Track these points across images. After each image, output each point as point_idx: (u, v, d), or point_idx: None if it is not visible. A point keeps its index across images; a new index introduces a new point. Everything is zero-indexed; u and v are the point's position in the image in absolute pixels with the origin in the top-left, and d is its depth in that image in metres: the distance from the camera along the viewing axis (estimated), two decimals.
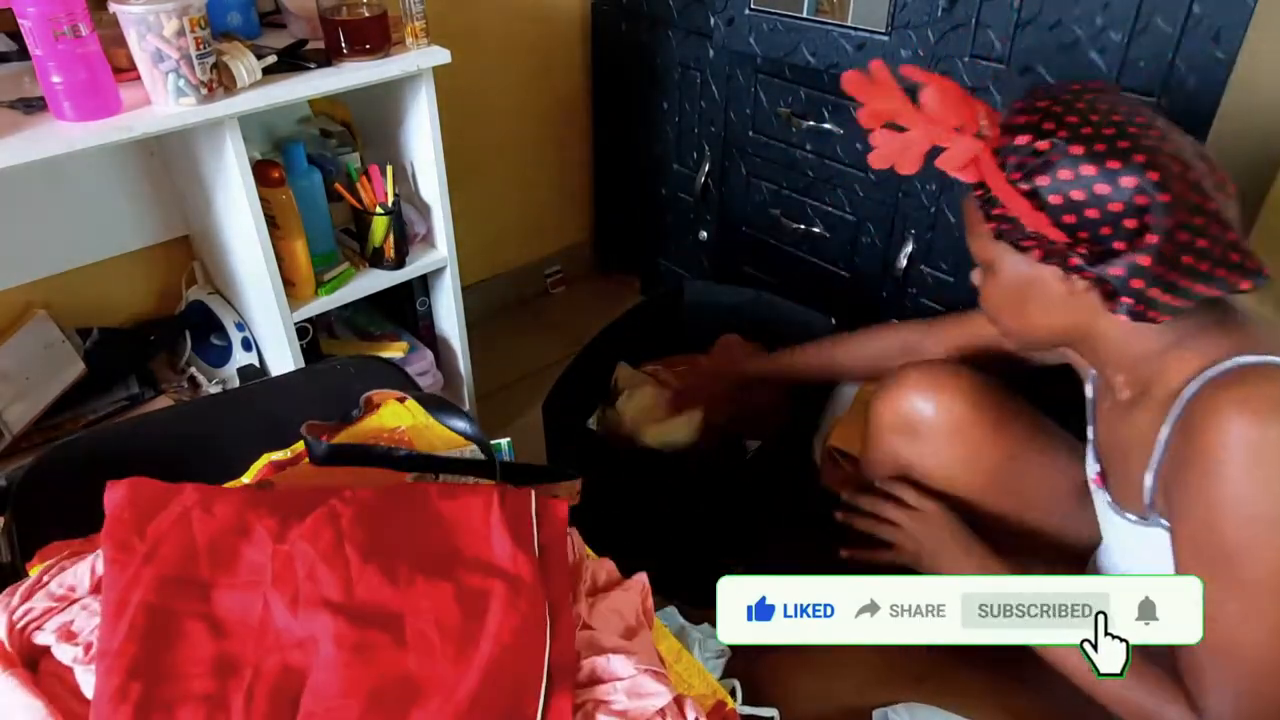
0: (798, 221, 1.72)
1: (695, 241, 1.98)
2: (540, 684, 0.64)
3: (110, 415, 1.45)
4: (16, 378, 1.39)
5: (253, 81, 1.15)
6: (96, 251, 1.48)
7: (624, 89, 2.01)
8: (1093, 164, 0.68)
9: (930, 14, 1.34)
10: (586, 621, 0.72)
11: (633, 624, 0.74)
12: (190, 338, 1.57)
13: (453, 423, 0.98)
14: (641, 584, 0.78)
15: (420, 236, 1.51)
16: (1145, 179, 0.67)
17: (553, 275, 2.29)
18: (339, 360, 1.25)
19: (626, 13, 1.91)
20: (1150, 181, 0.67)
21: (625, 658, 0.69)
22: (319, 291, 1.40)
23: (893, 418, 1.03)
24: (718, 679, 0.75)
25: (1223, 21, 1.07)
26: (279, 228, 1.31)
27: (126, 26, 1.03)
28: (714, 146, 1.83)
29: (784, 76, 1.63)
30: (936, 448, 0.99)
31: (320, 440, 0.88)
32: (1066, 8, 1.20)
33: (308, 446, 0.88)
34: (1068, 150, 0.69)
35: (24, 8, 0.96)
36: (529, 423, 1.71)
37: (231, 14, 1.31)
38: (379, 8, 1.26)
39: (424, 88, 1.33)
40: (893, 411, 1.03)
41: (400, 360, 1.61)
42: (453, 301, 1.57)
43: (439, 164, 1.41)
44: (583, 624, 0.72)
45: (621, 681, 0.67)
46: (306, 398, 1.05)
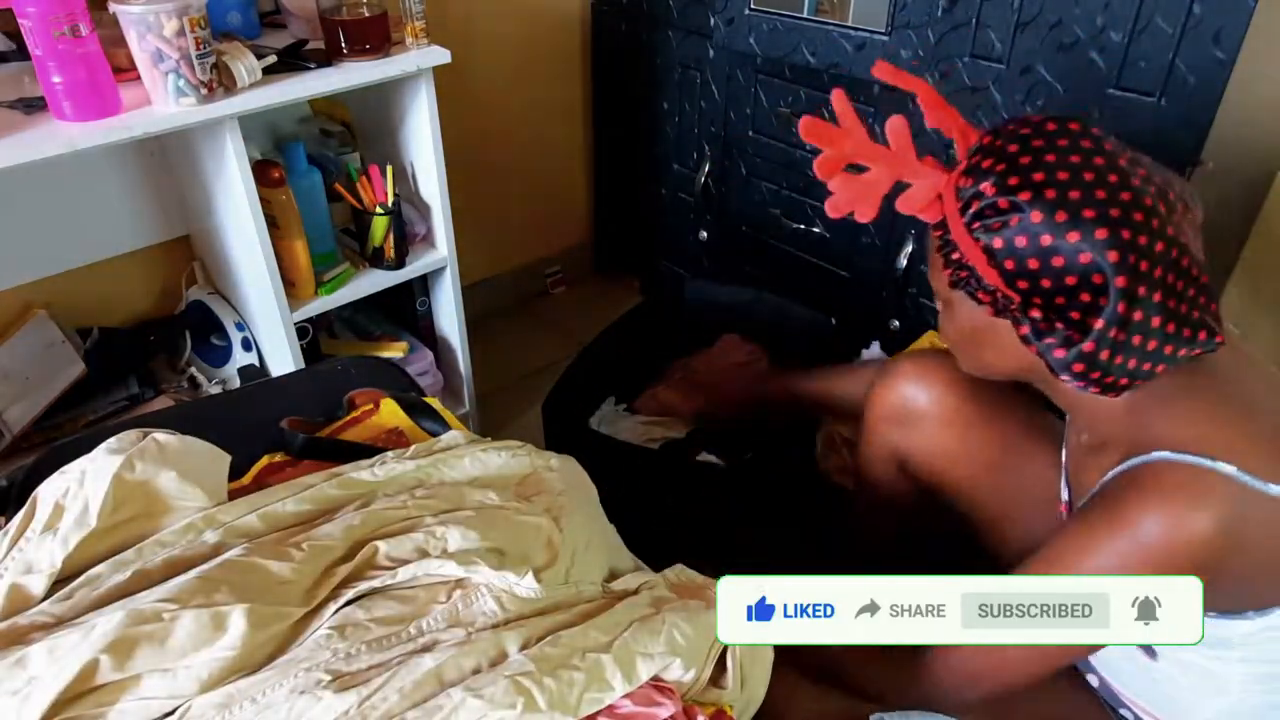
0: (798, 221, 1.72)
1: (695, 241, 1.98)
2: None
3: (110, 415, 1.45)
4: (16, 378, 1.39)
5: (253, 81, 1.15)
6: (96, 251, 1.48)
7: (624, 89, 2.01)
8: (1051, 234, 0.65)
9: (930, 14, 1.34)
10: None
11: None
12: (190, 338, 1.57)
13: (426, 424, 0.99)
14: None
15: (420, 236, 1.51)
16: (1103, 259, 0.64)
17: (553, 275, 2.29)
18: (339, 360, 1.25)
19: (626, 13, 1.91)
20: (1109, 263, 0.64)
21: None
22: (319, 291, 1.40)
23: (886, 408, 1.03)
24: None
25: (1223, 21, 1.07)
26: (279, 228, 1.31)
27: (126, 26, 1.03)
28: (714, 146, 1.83)
29: (784, 76, 1.63)
30: (929, 436, 1.00)
31: (297, 434, 0.89)
32: (1066, 8, 1.20)
33: (286, 440, 0.89)
34: (1029, 216, 0.66)
35: (24, 8, 0.96)
36: (529, 423, 1.71)
37: (231, 14, 1.31)
38: (379, 8, 1.26)
39: (424, 88, 1.33)
40: (886, 401, 1.03)
41: (400, 360, 1.61)
42: (453, 301, 1.57)
43: (439, 164, 1.41)
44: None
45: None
46: (306, 398, 1.05)
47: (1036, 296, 0.68)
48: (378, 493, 0.81)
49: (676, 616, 0.71)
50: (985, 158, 0.70)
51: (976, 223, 0.70)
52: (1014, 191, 0.67)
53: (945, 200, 0.72)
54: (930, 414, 0.99)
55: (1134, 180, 0.66)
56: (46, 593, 0.71)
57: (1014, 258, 0.68)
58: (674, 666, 0.68)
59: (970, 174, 0.71)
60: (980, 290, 0.72)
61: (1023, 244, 0.67)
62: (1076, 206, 0.65)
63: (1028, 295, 0.69)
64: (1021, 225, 0.67)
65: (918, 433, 1.00)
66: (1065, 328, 0.67)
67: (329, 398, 1.03)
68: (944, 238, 0.74)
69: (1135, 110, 1.18)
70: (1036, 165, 0.67)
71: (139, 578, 0.71)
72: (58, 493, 0.75)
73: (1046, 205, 0.66)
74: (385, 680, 0.64)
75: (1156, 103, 1.16)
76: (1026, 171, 0.67)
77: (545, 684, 0.62)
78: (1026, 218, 0.66)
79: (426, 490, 0.82)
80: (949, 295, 0.77)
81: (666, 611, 0.73)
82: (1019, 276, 0.68)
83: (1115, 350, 0.66)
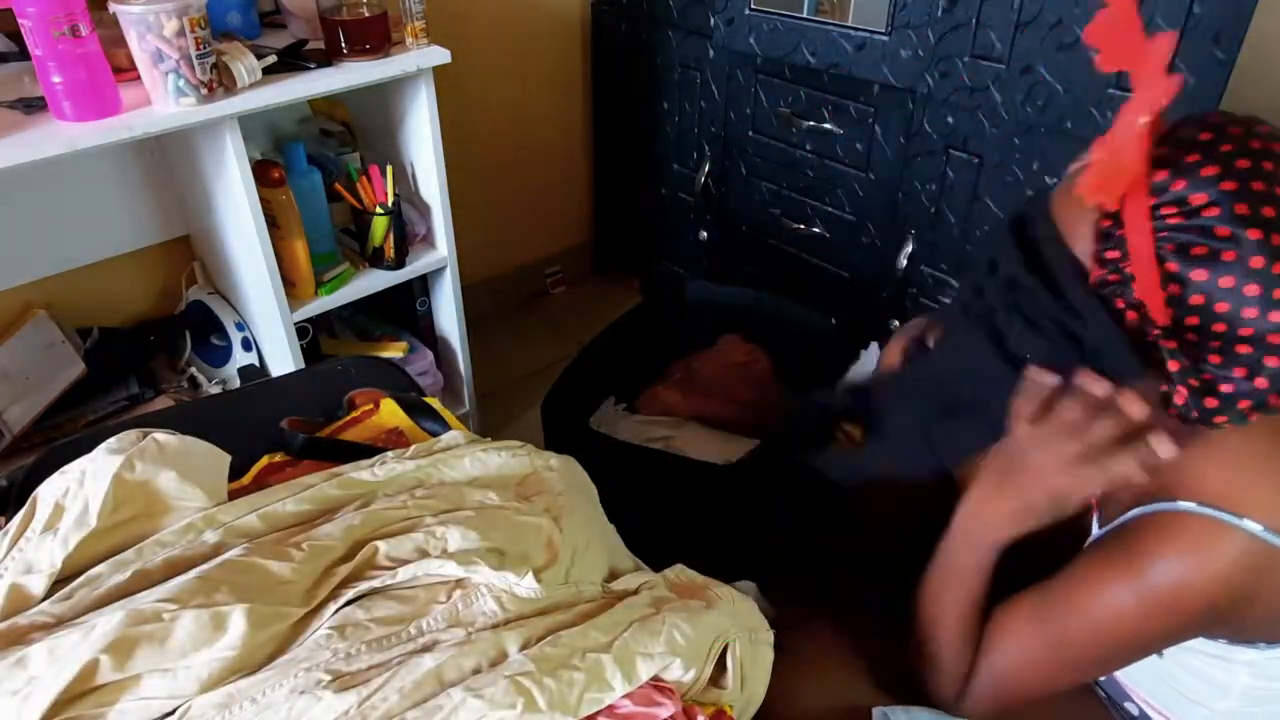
0: (798, 221, 1.72)
1: (695, 241, 1.98)
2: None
3: (110, 415, 1.45)
4: (16, 378, 1.39)
5: (253, 81, 1.15)
6: (96, 251, 1.48)
7: (624, 89, 2.01)
8: (1260, 286, 0.55)
9: (930, 14, 1.34)
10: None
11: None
12: (190, 338, 1.57)
13: (426, 424, 0.99)
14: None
15: (420, 236, 1.51)
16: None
17: (553, 275, 2.29)
18: (339, 360, 1.24)
19: (626, 13, 1.91)
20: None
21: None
22: (319, 291, 1.40)
23: (898, 357, 1.03)
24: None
25: (1223, 21, 1.07)
26: (279, 228, 1.31)
27: (126, 26, 1.03)
28: (714, 146, 1.83)
29: (784, 76, 1.63)
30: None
31: (297, 434, 0.89)
32: (1066, 8, 1.20)
33: (286, 440, 0.89)
34: (1250, 259, 0.54)
35: (24, 8, 0.96)
36: (529, 423, 1.71)
37: (231, 14, 1.31)
38: (379, 8, 1.26)
39: (424, 88, 1.33)
40: (898, 350, 1.03)
41: (400, 360, 1.61)
42: (453, 301, 1.57)
43: (439, 164, 1.41)
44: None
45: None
46: (307, 398, 1.05)
47: (1192, 334, 0.58)
48: (378, 493, 0.81)
49: (676, 616, 0.71)
50: (1202, 157, 0.57)
51: (1170, 245, 0.57)
52: (1242, 224, 0.55)
53: (1135, 202, 0.58)
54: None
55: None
56: (46, 593, 0.71)
57: (1205, 293, 0.56)
58: (674, 666, 0.68)
59: (1177, 171, 0.57)
60: (1123, 299, 0.61)
61: (1227, 286, 0.56)
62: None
63: (1183, 331, 0.59)
64: (1233, 267, 0.55)
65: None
66: (1202, 366, 0.59)
67: (329, 398, 1.03)
68: (1109, 230, 0.60)
69: None
70: (1270, 197, 0.55)
71: (139, 578, 0.71)
72: (58, 493, 0.75)
73: (1272, 252, 0.55)
74: (385, 680, 0.64)
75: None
76: (1259, 202, 0.55)
77: (545, 684, 0.62)
78: (1246, 260, 0.55)
79: (426, 490, 0.82)
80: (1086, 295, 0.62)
81: (666, 611, 0.73)
82: (1193, 313, 0.58)
83: (1255, 403, 0.60)
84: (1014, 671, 0.77)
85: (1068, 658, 0.74)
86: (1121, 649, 0.72)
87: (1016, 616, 0.77)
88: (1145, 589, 0.66)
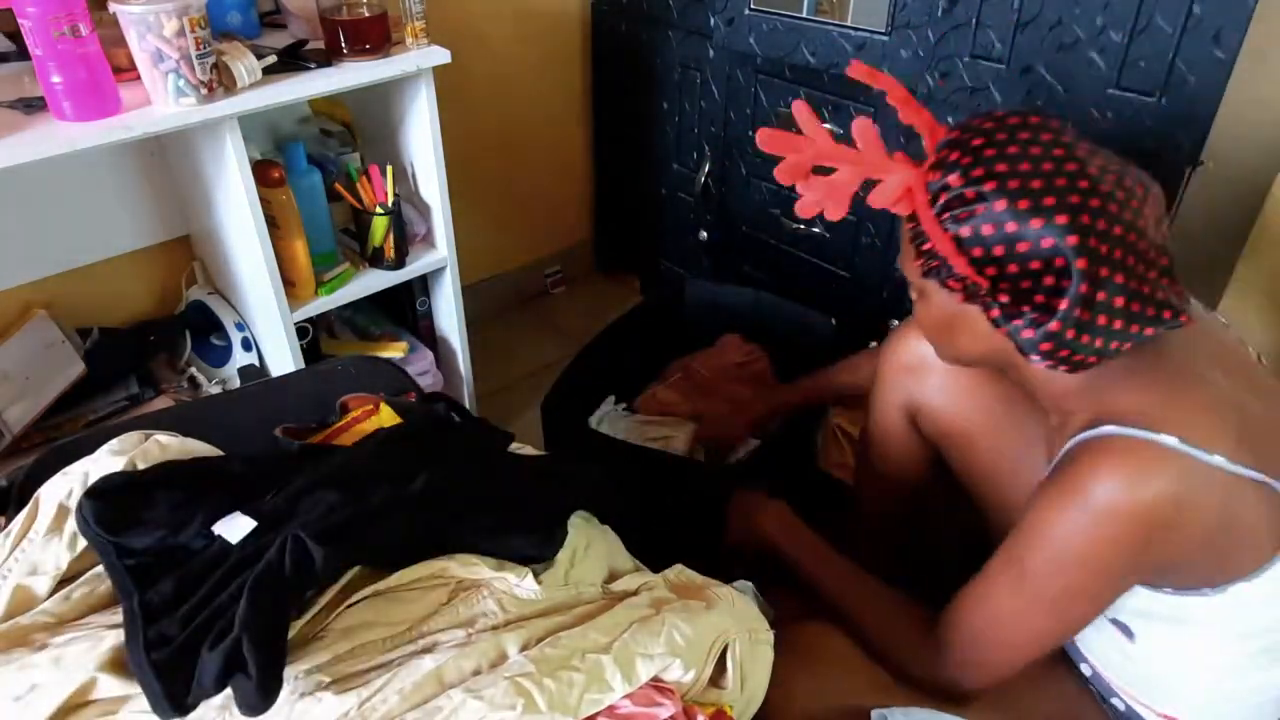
0: (798, 221, 1.72)
1: (695, 241, 1.98)
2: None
3: (110, 415, 1.45)
4: (16, 378, 1.39)
5: (253, 81, 1.15)
6: (96, 251, 1.48)
7: (624, 89, 2.01)
8: (1015, 221, 0.69)
9: (930, 14, 1.34)
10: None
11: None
12: (190, 338, 1.57)
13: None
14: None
15: (420, 236, 1.51)
16: (1064, 243, 0.67)
17: (553, 275, 2.29)
18: (339, 360, 1.24)
19: (626, 13, 1.91)
20: (1069, 246, 0.67)
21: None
22: (319, 291, 1.40)
23: (902, 355, 1.06)
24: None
25: (1223, 21, 1.07)
26: (279, 228, 1.31)
27: (126, 26, 1.03)
28: (714, 146, 1.83)
29: (784, 76, 1.63)
30: (940, 382, 1.02)
31: (292, 441, 0.89)
32: (1066, 8, 1.20)
33: (279, 447, 0.89)
34: (994, 205, 0.69)
35: (24, 8, 0.96)
36: (529, 423, 1.71)
37: (231, 14, 1.31)
38: (379, 8, 1.26)
39: (424, 88, 1.33)
40: (902, 349, 1.06)
41: (400, 360, 1.61)
42: (453, 301, 1.57)
43: (439, 164, 1.41)
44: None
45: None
46: (307, 398, 1.05)
47: (1004, 282, 0.72)
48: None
49: (676, 617, 0.72)
50: (951, 151, 0.73)
51: (945, 213, 0.73)
52: (979, 182, 0.70)
53: (915, 193, 0.75)
54: (940, 364, 1.01)
55: (1091, 169, 0.69)
56: (49, 594, 0.71)
57: (981, 245, 0.71)
58: (674, 667, 0.68)
59: (938, 167, 0.74)
60: (951, 278, 0.75)
61: (989, 232, 0.70)
62: (1038, 195, 0.68)
63: (995, 281, 0.72)
64: (987, 214, 0.70)
65: (930, 377, 1.03)
66: (1032, 310, 0.71)
67: (329, 398, 1.03)
68: (915, 229, 0.77)
69: (1135, 110, 1.18)
70: (1000, 157, 0.70)
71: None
72: (60, 494, 0.76)
73: (1010, 194, 0.69)
74: (385, 681, 0.64)
75: (1156, 103, 1.16)
76: (990, 163, 0.70)
77: (545, 685, 0.63)
78: (991, 207, 0.69)
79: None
80: (922, 285, 0.81)
81: (666, 612, 0.73)
82: (986, 263, 0.71)
83: (1081, 329, 0.69)
84: (986, 620, 0.80)
85: (1033, 592, 0.76)
86: (1082, 574, 0.74)
87: (983, 572, 0.81)
88: (1090, 505, 0.71)
